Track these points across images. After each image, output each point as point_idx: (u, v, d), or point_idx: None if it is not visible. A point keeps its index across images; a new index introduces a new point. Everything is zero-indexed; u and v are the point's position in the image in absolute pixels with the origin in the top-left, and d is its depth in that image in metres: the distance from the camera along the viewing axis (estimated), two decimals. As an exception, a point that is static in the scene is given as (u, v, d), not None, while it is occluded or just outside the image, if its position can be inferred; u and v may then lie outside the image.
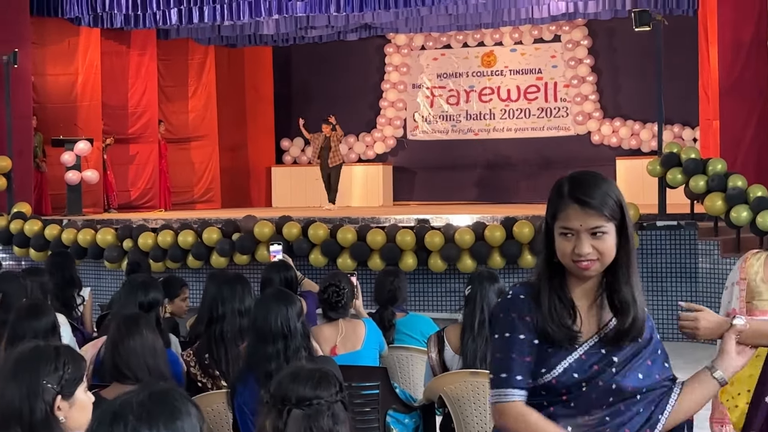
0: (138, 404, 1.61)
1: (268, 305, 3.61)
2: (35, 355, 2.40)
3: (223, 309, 4.11)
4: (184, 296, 5.66)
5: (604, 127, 15.88)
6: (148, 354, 3.46)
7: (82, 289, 6.14)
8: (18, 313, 3.84)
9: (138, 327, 3.49)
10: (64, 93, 13.89)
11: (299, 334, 3.56)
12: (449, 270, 9.77)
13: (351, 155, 17.29)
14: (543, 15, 14.18)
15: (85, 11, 13.18)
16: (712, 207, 9.21)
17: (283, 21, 14.26)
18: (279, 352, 3.50)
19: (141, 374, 3.38)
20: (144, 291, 4.55)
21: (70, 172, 12.89)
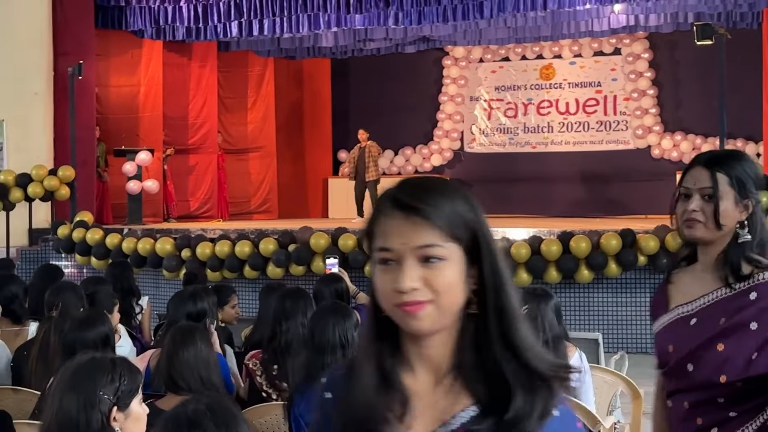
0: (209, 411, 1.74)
1: (324, 317, 3.64)
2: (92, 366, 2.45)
3: (287, 324, 4.16)
4: (233, 303, 5.72)
5: (665, 141, 15.68)
6: (201, 365, 3.51)
7: (141, 298, 6.23)
8: (72, 324, 3.89)
9: (193, 338, 3.54)
10: (126, 104, 14.15)
11: (356, 345, 3.58)
12: (505, 284, 9.69)
13: (408, 167, 17.31)
14: (603, 28, 14.07)
15: (148, 24, 13.42)
16: (776, 224, 9.01)
17: (341, 33, 14.36)
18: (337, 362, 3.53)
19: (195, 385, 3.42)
20: (193, 301, 4.61)
21: (131, 182, 13.11)
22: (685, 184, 2.44)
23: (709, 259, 2.43)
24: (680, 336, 2.44)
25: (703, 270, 2.46)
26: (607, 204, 15.50)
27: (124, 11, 13.50)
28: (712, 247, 2.42)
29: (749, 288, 2.35)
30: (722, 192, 2.36)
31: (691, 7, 12.93)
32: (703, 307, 2.42)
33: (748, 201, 2.38)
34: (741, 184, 2.37)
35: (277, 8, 12.75)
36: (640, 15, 13.62)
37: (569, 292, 9.62)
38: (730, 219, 2.37)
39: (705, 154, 2.46)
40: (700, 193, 2.39)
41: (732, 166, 2.39)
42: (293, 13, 12.75)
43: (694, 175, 2.42)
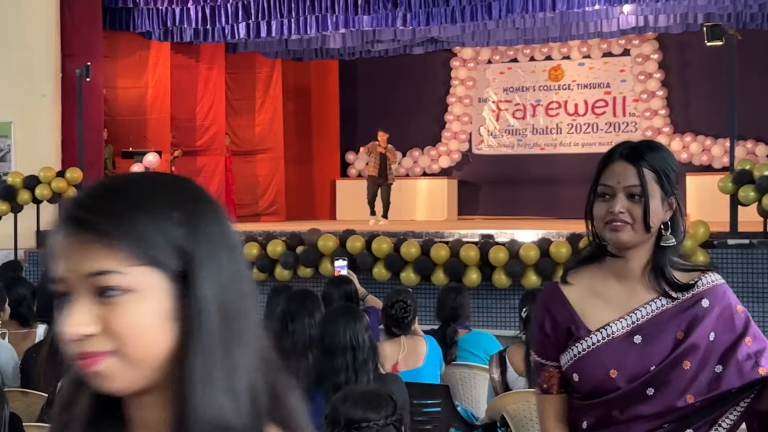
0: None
1: (335, 319, 3.64)
2: None
3: (293, 325, 4.16)
4: None
5: (674, 143, 15.64)
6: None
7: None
8: None
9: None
10: (134, 106, 14.18)
11: (366, 347, 3.58)
12: (513, 286, 9.68)
13: (416, 169, 17.31)
14: (612, 29, 14.04)
15: (156, 26, 13.45)
16: (786, 226, 8.98)
17: (349, 35, 14.36)
18: (347, 365, 3.53)
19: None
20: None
21: (139, 184, 13.10)
22: (606, 181, 2.16)
23: (636, 265, 2.16)
24: (625, 357, 2.11)
25: (627, 278, 2.17)
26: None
27: (132, 13, 13.53)
28: (637, 252, 2.15)
29: (697, 295, 2.13)
30: (650, 190, 2.12)
31: (701, 7, 12.89)
32: (644, 321, 2.13)
33: (672, 198, 2.16)
34: (667, 179, 2.14)
35: (285, 9, 12.76)
36: (649, 16, 13.59)
37: (578, 294, 9.60)
38: (658, 220, 2.14)
39: (624, 147, 2.18)
40: (625, 192, 2.13)
41: (657, 159, 2.15)
42: (301, 14, 12.76)
43: (616, 172, 2.14)
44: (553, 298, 2.21)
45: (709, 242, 9.37)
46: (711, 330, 2.10)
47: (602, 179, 2.16)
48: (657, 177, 2.13)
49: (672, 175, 2.16)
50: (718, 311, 2.11)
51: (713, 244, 9.41)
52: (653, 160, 2.14)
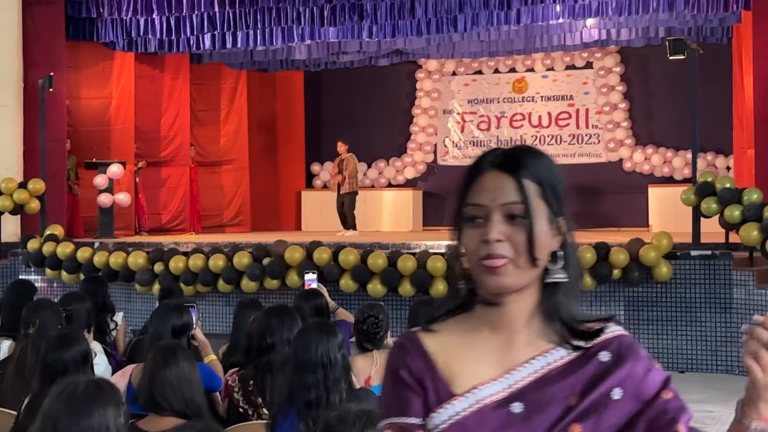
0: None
1: (309, 335, 3.63)
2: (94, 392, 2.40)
3: (272, 339, 4.14)
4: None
5: (637, 155, 15.81)
6: (184, 386, 3.47)
7: (115, 314, 6.18)
8: (50, 343, 3.85)
9: (175, 357, 3.51)
10: (97, 116, 14.05)
11: (339, 364, 3.57)
12: (480, 297, 9.71)
13: (381, 180, 17.33)
14: (575, 42, 14.19)
15: (120, 36, 13.36)
16: (748, 237, 9.12)
17: (315, 46, 14.36)
18: (318, 382, 3.51)
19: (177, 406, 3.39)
20: (178, 315, 4.61)
21: (103, 195, 13.01)
22: (476, 199, 1.62)
23: (517, 312, 1.62)
24: (501, 430, 1.58)
25: (505, 328, 1.63)
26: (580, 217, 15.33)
27: (96, 23, 13.43)
28: (519, 295, 1.61)
29: (596, 347, 1.62)
30: (535, 208, 1.60)
31: (662, 22, 13.07)
32: (526, 384, 1.60)
33: (562, 220, 1.64)
34: (555, 194, 1.63)
35: (251, 21, 12.74)
36: (611, 29, 13.76)
37: (544, 305, 9.65)
38: (546, 249, 1.61)
39: (496, 154, 1.67)
40: (502, 212, 1.59)
41: (540, 167, 1.65)
42: (267, 26, 12.75)
43: (488, 186, 1.62)
44: (411, 347, 1.64)
45: (672, 254, 9.49)
46: (616, 386, 1.59)
47: (470, 197, 1.63)
48: (542, 191, 1.62)
49: (560, 188, 1.65)
50: (625, 367, 1.60)
51: (676, 255, 9.53)
52: (536, 168, 1.63)
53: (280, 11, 12.50)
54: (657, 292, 9.54)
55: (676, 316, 9.47)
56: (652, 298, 9.56)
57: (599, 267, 9.36)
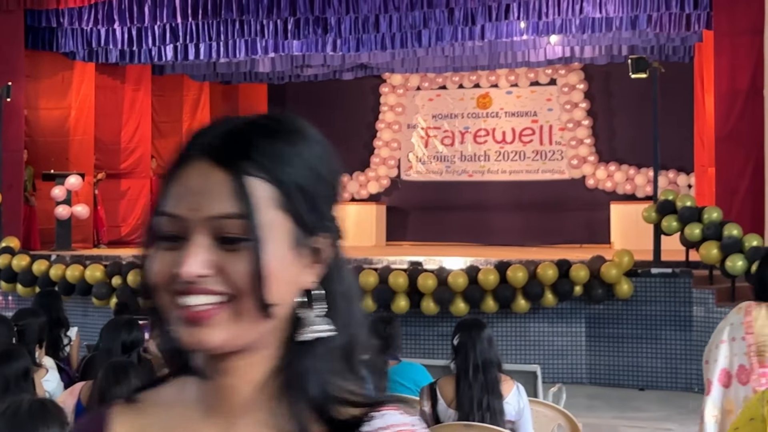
0: None
1: None
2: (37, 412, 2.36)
3: None
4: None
5: (599, 172, 15.94)
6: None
7: (69, 329, 6.09)
8: None
9: (126, 375, 3.45)
10: (56, 127, 13.90)
11: None
12: (442, 313, 9.72)
13: (344, 194, 17.27)
14: (539, 58, 14.31)
15: (81, 46, 13.24)
16: (708, 255, 9.21)
17: (279, 59, 14.35)
18: None
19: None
20: (128, 330, 4.54)
21: (60, 207, 12.85)
22: (171, 207, 1.03)
23: (238, 385, 1.05)
24: None
25: (224, 410, 1.06)
26: (542, 233, 15.67)
27: (56, 32, 13.30)
28: (247, 360, 1.04)
29: None
30: (266, 224, 1.01)
31: (625, 40, 13.23)
32: None
33: (323, 238, 1.08)
34: (309, 198, 1.05)
35: (214, 33, 12.68)
36: (575, 47, 13.89)
37: (506, 322, 9.68)
38: (289, 288, 1.04)
39: (214, 133, 1.07)
40: (211, 231, 1.01)
41: (285, 156, 1.06)
42: (230, 37, 12.70)
43: (192, 187, 1.02)
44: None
45: (633, 271, 9.56)
46: None
47: (164, 202, 1.05)
48: (283, 195, 1.03)
49: (320, 188, 1.07)
50: None
51: (637, 272, 9.60)
52: (275, 158, 1.04)
53: (243, 23, 12.46)
54: (618, 309, 9.60)
55: (637, 333, 9.53)
56: (614, 315, 9.62)
57: (561, 284, 9.41)
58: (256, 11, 11.99)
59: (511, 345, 9.66)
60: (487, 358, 4.16)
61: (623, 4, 11.12)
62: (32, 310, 5.37)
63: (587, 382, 9.53)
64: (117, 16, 12.62)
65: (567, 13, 11.40)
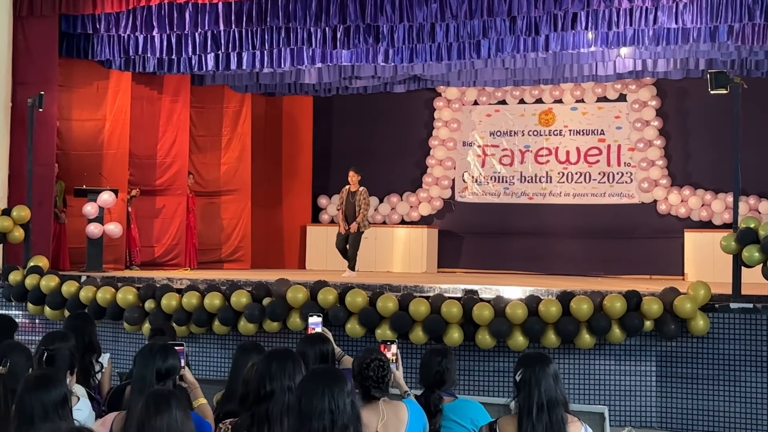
0: None
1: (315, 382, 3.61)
2: None
3: (272, 386, 4.10)
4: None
5: (672, 196, 15.78)
6: (176, 437, 3.45)
7: (101, 355, 6.15)
8: (26, 385, 3.85)
9: (168, 406, 3.49)
10: (89, 140, 14.12)
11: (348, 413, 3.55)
12: (498, 347, 9.66)
13: (393, 216, 17.32)
14: (608, 72, 14.23)
15: (117, 54, 13.44)
16: (793, 289, 9.05)
17: (326, 70, 14.43)
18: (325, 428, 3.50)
19: (167, 458, 3.36)
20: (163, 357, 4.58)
21: (92, 225, 13.04)
22: None
23: None
24: None
25: None
26: (609, 262, 15.54)
27: (91, 39, 13.52)
28: None
29: None
30: None
31: (703, 53, 13.10)
32: None
33: None
34: None
35: (258, 41, 12.79)
36: (647, 60, 13.80)
37: (569, 358, 9.59)
38: None
39: None
40: None
41: None
42: (275, 46, 12.80)
43: None
44: None
45: (710, 305, 9.42)
46: None
47: None
48: None
49: None
50: None
51: (714, 307, 9.45)
52: None
53: (289, 31, 12.56)
54: (692, 347, 9.46)
55: (713, 374, 9.37)
56: (687, 353, 9.47)
57: (629, 318, 9.29)
58: (303, 18, 12.08)
59: (575, 383, 9.56)
60: (553, 396, 4.13)
61: (702, 14, 11.01)
62: (62, 334, 5.44)
63: (657, 426, 9.39)
64: (156, 23, 12.80)
65: (639, 23, 11.32)
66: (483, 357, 9.86)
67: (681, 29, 11.62)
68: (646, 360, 9.53)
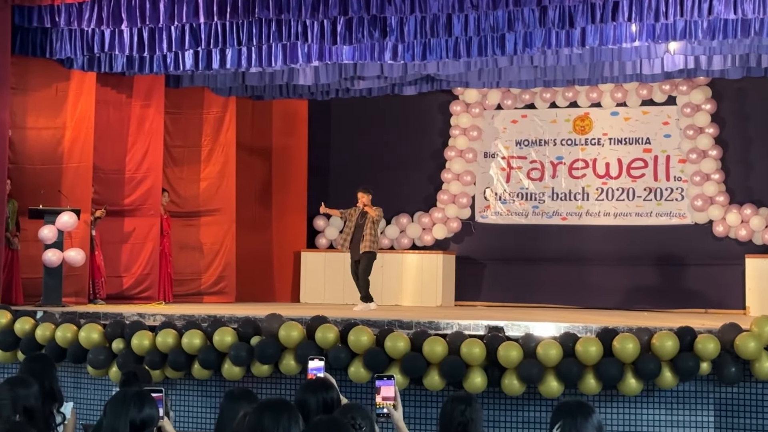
0: None
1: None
2: None
3: None
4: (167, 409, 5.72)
5: (731, 216, 15.78)
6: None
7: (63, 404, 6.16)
8: None
9: None
10: (47, 151, 14.15)
11: None
12: (528, 393, 9.66)
13: (403, 240, 17.33)
14: (654, 71, 14.25)
15: (79, 51, 13.47)
16: None
17: (324, 69, 14.47)
18: None
19: None
20: (138, 405, 4.59)
21: (50, 252, 13.05)
22: None
23: None
24: None
25: None
26: (657, 294, 15.53)
27: (50, 35, 13.56)
28: None
29: None
30: None
31: (766, 48, 13.13)
32: None
33: None
34: None
35: (244, 36, 12.82)
36: (701, 56, 13.81)
37: (612, 406, 9.58)
38: None
39: None
40: None
41: None
42: (264, 42, 12.84)
43: None
44: None
45: (777, 344, 9.42)
46: None
47: None
48: None
49: None
50: None
51: (783, 346, 9.45)
52: None
53: (281, 24, 12.59)
54: (757, 393, 9.45)
55: (782, 425, 9.37)
56: (751, 401, 9.46)
57: (682, 359, 9.29)
58: (297, 9, 12.11)
59: (619, 437, 9.55)
60: None
61: (765, 2, 11.05)
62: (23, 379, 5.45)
63: (717, 487, 9.38)
64: (125, 15, 12.82)
65: (691, 13, 11.34)
66: (510, 405, 9.85)
67: (740, 20, 11.64)
68: (703, 409, 9.52)
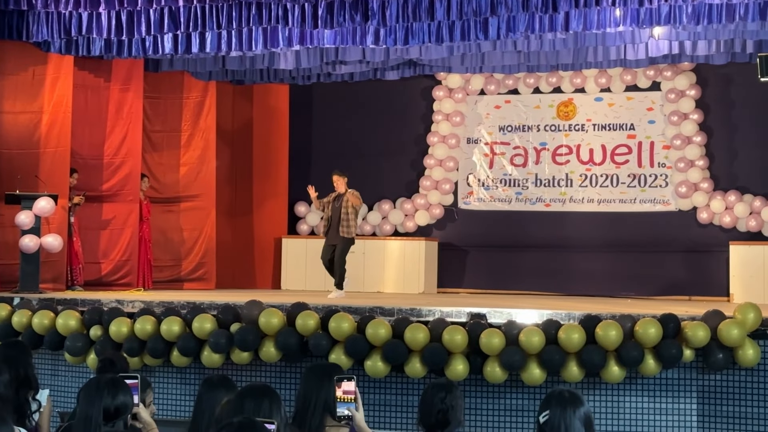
0: None
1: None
2: None
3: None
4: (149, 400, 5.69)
5: (715, 203, 15.82)
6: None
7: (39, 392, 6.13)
8: None
9: None
10: (24, 136, 14.10)
11: None
12: (510, 381, 9.67)
13: (385, 227, 17.32)
14: (639, 56, 14.26)
15: (57, 34, 13.38)
16: None
17: (305, 53, 14.43)
18: None
19: None
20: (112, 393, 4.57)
21: (27, 237, 13.00)
22: None
23: None
24: None
25: None
26: (641, 281, 15.56)
27: (26, 17, 13.46)
28: None
29: None
30: None
31: (751, 33, 13.12)
32: None
33: None
34: None
35: (224, 19, 12.76)
36: (686, 41, 13.82)
37: (594, 394, 9.60)
38: None
39: None
40: None
41: None
42: (244, 25, 12.78)
43: None
44: None
45: (760, 331, 9.44)
46: None
47: None
48: None
49: None
50: None
51: (766, 333, 9.47)
52: None
53: (261, 7, 12.55)
54: (740, 380, 9.48)
55: (765, 412, 9.40)
56: (734, 388, 9.49)
57: (666, 346, 9.31)
58: (278, -8, 12.10)
59: (602, 424, 9.57)
60: None
61: (750, -14, 11.06)
62: (-6, 367, 5.43)
63: (700, 474, 9.41)
64: (103, -3, 12.78)
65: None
66: (492, 393, 9.86)
67: (725, 5, 11.65)
68: (686, 396, 9.54)
